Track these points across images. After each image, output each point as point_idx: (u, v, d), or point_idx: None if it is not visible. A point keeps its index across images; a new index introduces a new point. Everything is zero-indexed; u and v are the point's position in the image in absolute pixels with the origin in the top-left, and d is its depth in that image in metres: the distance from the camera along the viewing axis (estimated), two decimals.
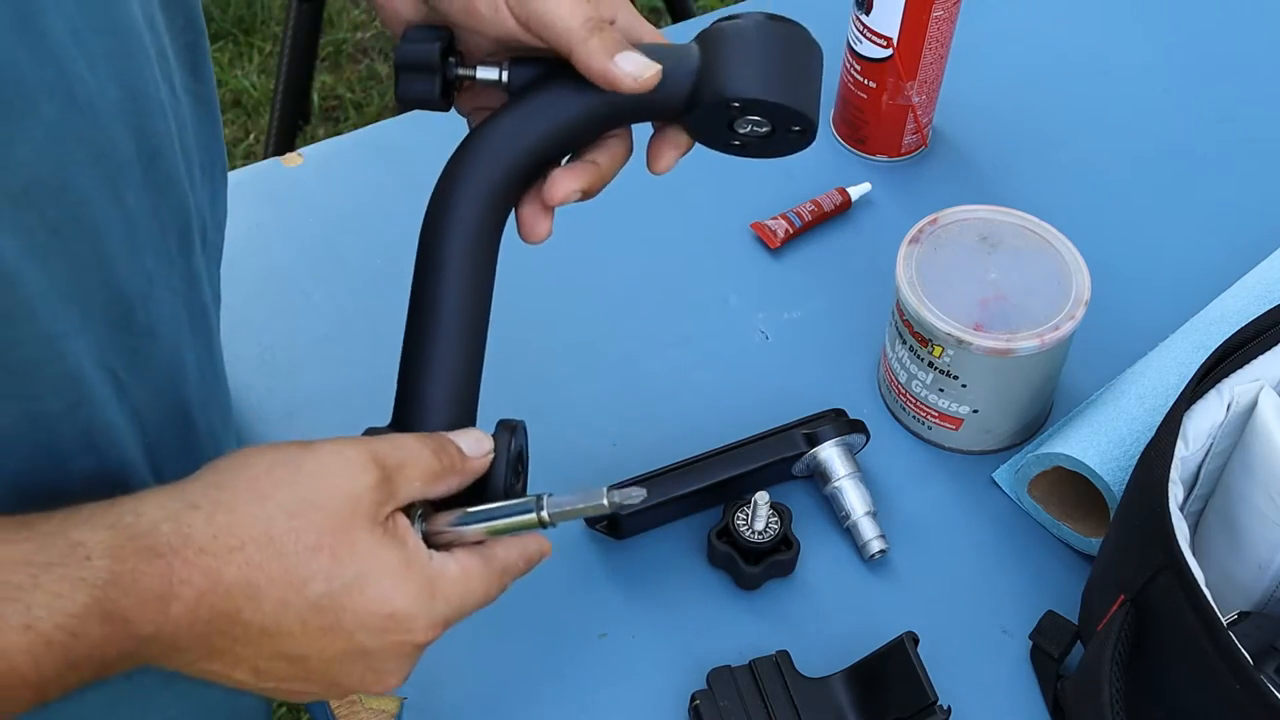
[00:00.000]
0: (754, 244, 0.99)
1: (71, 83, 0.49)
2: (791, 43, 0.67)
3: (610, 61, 0.61)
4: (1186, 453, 0.73)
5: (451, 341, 0.64)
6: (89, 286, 0.53)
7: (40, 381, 0.53)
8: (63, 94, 0.49)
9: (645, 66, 0.62)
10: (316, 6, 1.75)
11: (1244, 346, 0.75)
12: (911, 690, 0.73)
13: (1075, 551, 0.84)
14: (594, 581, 0.82)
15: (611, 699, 0.77)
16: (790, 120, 0.66)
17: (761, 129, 0.66)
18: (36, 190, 0.49)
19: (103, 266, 0.53)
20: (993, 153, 1.05)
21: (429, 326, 0.64)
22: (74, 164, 0.50)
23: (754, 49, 0.66)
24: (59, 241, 0.51)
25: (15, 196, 0.48)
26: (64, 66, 0.48)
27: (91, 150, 0.51)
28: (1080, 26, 1.15)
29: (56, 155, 0.49)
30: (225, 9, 2.37)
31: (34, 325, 0.51)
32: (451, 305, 0.64)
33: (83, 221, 0.52)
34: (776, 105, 0.65)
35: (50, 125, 0.48)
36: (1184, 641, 0.64)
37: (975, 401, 0.85)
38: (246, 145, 2.20)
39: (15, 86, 0.47)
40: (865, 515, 0.82)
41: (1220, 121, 1.08)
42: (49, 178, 0.49)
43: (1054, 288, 0.83)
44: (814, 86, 0.68)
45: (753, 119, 0.66)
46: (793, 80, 0.66)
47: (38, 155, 0.48)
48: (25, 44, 0.46)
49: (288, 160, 1.01)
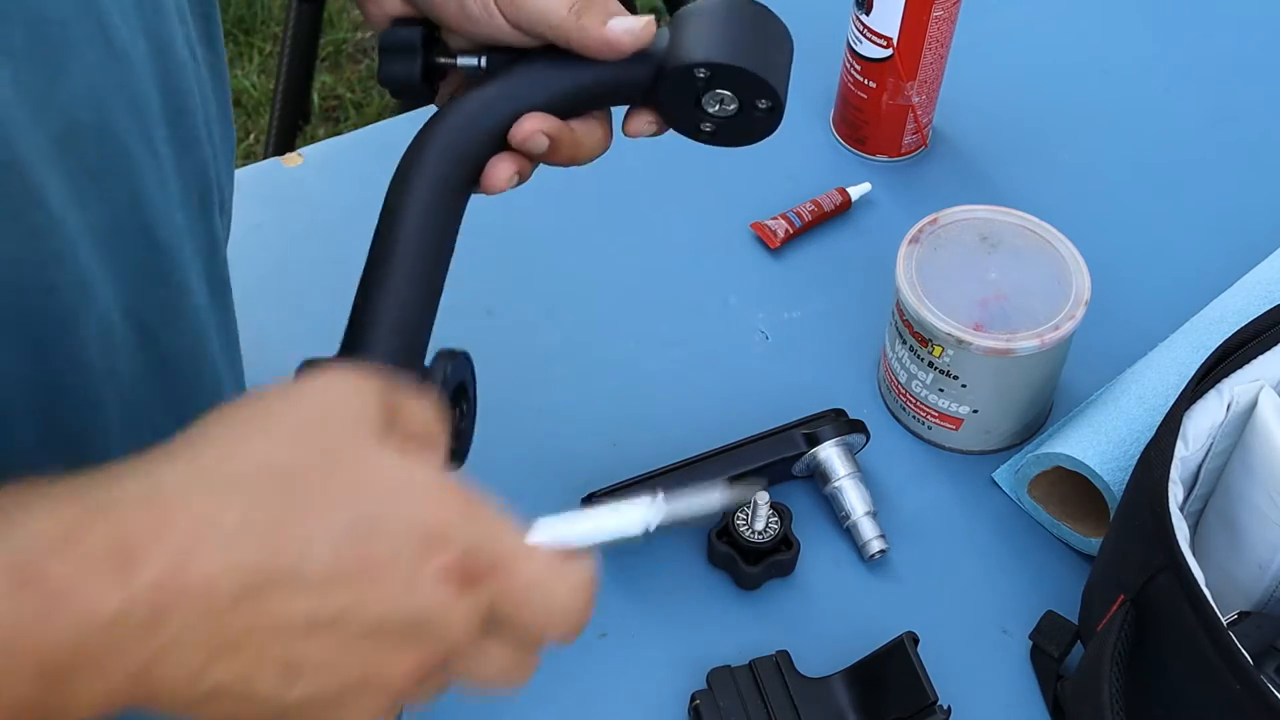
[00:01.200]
0: (754, 244, 0.99)
1: (108, 31, 0.50)
2: (759, 19, 0.68)
3: (605, 29, 0.63)
4: (1186, 453, 0.73)
5: (405, 279, 0.62)
6: (126, 232, 0.53)
7: (79, 327, 0.51)
8: (101, 41, 0.49)
9: (638, 21, 0.64)
10: (316, 6, 1.75)
11: (1244, 346, 0.75)
12: (911, 690, 0.73)
13: (1075, 551, 0.84)
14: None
15: (611, 699, 0.77)
16: (756, 92, 0.66)
17: (730, 106, 0.67)
18: (78, 133, 0.49)
19: (139, 212, 0.53)
20: (993, 153, 1.05)
21: (383, 263, 0.63)
22: (112, 110, 0.50)
23: (719, 21, 0.67)
24: (99, 186, 0.50)
25: (59, 138, 0.48)
26: (100, 14, 0.49)
27: (126, 97, 0.51)
28: (1080, 26, 1.15)
29: (96, 100, 0.50)
30: (225, 9, 2.37)
31: (74, 269, 0.49)
32: (407, 246, 0.63)
33: (121, 167, 0.52)
34: (740, 70, 0.65)
35: (90, 70, 0.49)
36: (1184, 641, 0.64)
37: (975, 401, 0.85)
38: (246, 145, 2.20)
39: (59, 28, 0.47)
40: (865, 515, 0.82)
41: (1220, 121, 1.08)
42: (90, 121, 0.49)
43: (1054, 288, 0.83)
44: (781, 60, 0.68)
45: (721, 94, 0.66)
46: (759, 50, 0.66)
47: (78, 99, 0.49)
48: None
49: (288, 160, 1.01)
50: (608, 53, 0.64)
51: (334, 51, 2.34)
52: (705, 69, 0.65)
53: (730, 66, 0.65)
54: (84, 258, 0.50)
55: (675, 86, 0.66)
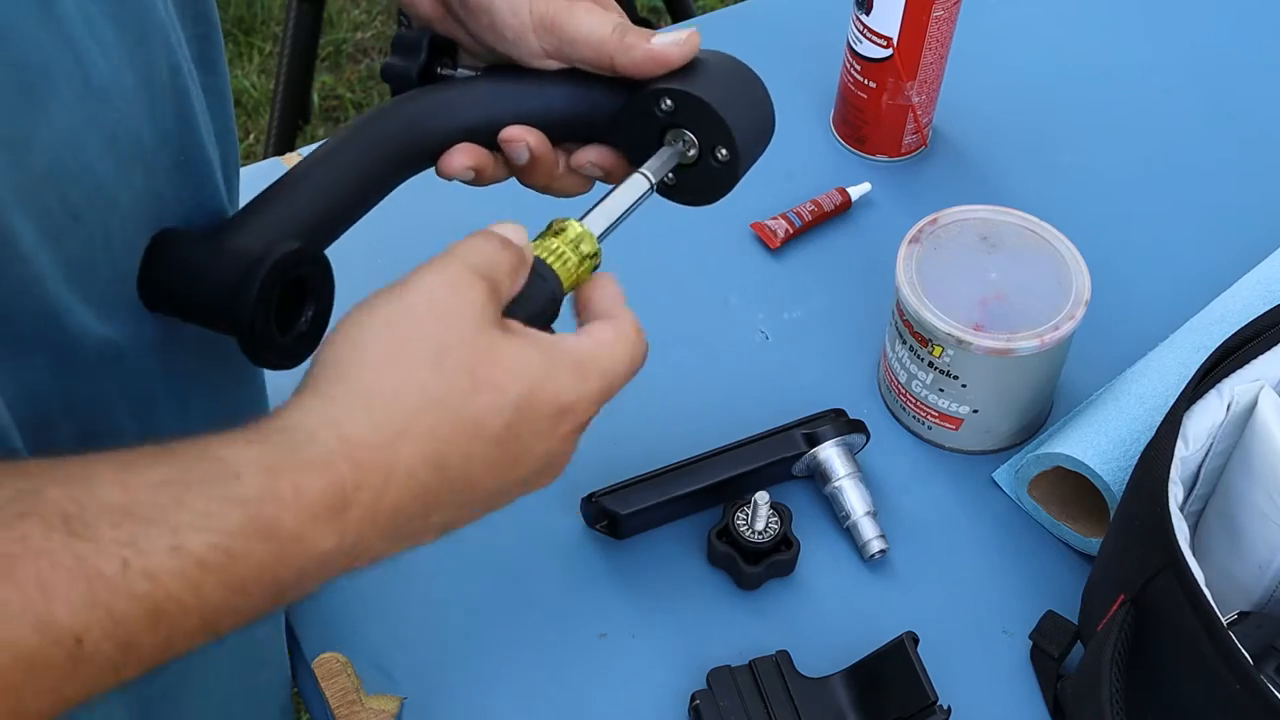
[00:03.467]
0: (754, 244, 0.99)
1: (87, 68, 0.50)
2: (746, 80, 0.68)
3: (649, 45, 0.65)
4: (1186, 453, 0.73)
5: (305, 191, 0.62)
6: (96, 266, 0.53)
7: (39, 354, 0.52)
8: (80, 79, 0.49)
9: (679, 35, 0.66)
10: (316, 6, 1.75)
11: (1244, 346, 0.75)
12: (911, 690, 0.73)
13: (1075, 551, 0.84)
14: (594, 581, 0.82)
15: (611, 699, 0.78)
16: (716, 135, 0.66)
17: (689, 152, 0.67)
18: (58, 173, 0.49)
19: (109, 248, 0.54)
20: (993, 153, 1.05)
21: (288, 176, 0.63)
22: (91, 148, 0.51)
23: (702, 64, 0.67)
24: (75, 224, 0.51)
25: (39, 179, 0.49)
26: (80, 52, 0.49)
27: (106, 134, 0.51)
28: (1080, 27, 1.15)
29: (76, 139, 0.50)
30: (225, 9, 2.37)
31: (38, 301, 0.51)
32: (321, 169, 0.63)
33: (98, 205, 0.52)
34: (703, 105, 0.65)
35: (69, 109, 0.49)
36: (1184, 641, 0.64)
37: (975, 401, 0.85)
38: (246, 145, 2.20)
39: (39, 71, 0.47)
40: (865, 515, 0.82)
41: (1220, 121, 1.08)
42: (69, 160, 0.50)
43: (1054, 288, 0.83)
44: (752, 118, 0.68)
45: (682, 134, 0.66)
46: (732, 99, 0.67)
47: (59, 139, 0.49)
48: (46, 29, 0.47)
49: (288, 160, 1.01)
50: (653, 67, 0.65)
51: (334, 51, 2.35)
52: (670, 99, 0.65)
53: (694, 98, 0.65)
54: (51, 292, 0.51)
55: (639, 116, 0.66)
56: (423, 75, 0.69)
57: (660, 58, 0.65)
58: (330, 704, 0.76)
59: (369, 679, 0.77)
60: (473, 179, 0.68)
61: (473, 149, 0.67)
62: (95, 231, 0.53)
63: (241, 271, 0.56)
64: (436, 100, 0.67)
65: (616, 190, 0.66)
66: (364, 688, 0.77)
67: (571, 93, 0.67)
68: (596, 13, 0.65)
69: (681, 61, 0.65)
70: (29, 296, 0.50)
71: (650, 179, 0.66)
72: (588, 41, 0.65)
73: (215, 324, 0.58)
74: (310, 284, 0.59)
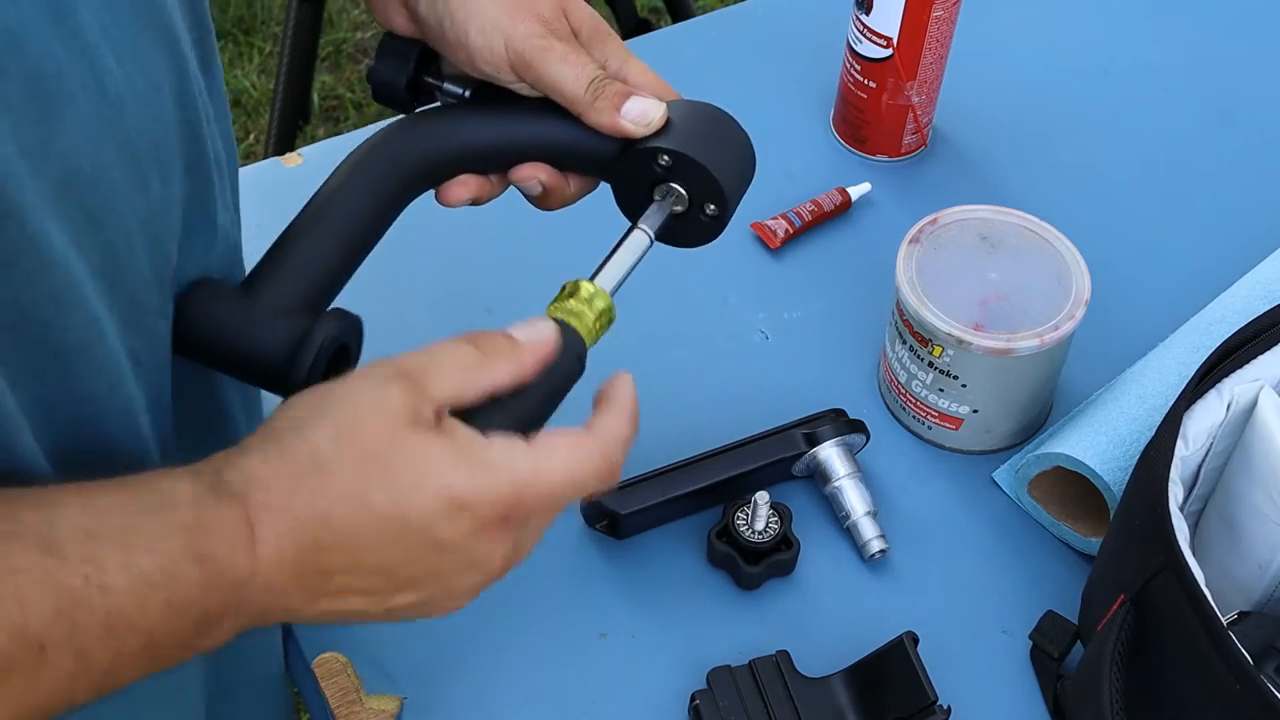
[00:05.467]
0: (754, 244, 0.99)
1: (102, 76, 0.51)
2: (735, 137, 0.71)
3: (618, 116, 0.67)
4: (1186, 453, 0.73)
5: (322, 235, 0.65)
6: (120, 272, 0.54)
7: (86, 364, 0.54)
8: (95, 88, 0.50)
9: (648, 111, 0.68)
10: (316, 6, 1.75)
11: (1244, 346, 0.75)
12: (911, 690, 0.73)
13: (1075, 551, 0.84)
14: (594, 581, 0.82)
15: (611, 699, 0.78)
16: (709, 195, 0.68)
17: (677, 207, 0.69)
18: (75, 180, 0.50)
19: (130, 253, 0.55)
20: (993, 153, 1.05)
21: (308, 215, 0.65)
22: (105, 154, 0.52)
23: (699, 121, 0.70)
24: (96, 229, 0.52)
25: (58, 186, 0.50)
26: (95, 60, 0.50)
27: (120, 141, 0.52)
28: (1080, 27, 1.15)
29: (92, 147, 0.51)
30: (225, 9, 2.37)
31: (83, 309, 0.52)
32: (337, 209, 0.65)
33: (116, 210, 0.53)
34: (702, 169, 0.68)
35: (85, 118, 0.50)
36: (1184, 641, 0.64)
37: (975, 401, 0.85)
38: (246, 145, 2.20)
39: (56, 80, 0.48)
40: (865, 515, 0.82)
41: (1220, 121, 1.08)
42: (86, 167, 0.51)
43: (1054, 288, 0.83)
44: (742, 178, 0.71)
45: (674, 188, 0.69)
46: (727, 161, 0.69)
47: (75, 147, 0.50)
48: (60, 39, 0.48)
49: (288, 160, 1.01)
50: (616, 135, 0.68)
51: (334, 51, 2.34)
52: (669, 157, 0.68)
53: (694, 161, 0.67)
54: (89, 298, 0.53)
55: (635, 165, 0.68)
56: (410, 86, 0.70)
57: (625, 132, 0.68)
58: (330, 704, 0.76)
59: (369, 679, 0.77)
60: (471, 204, 0.70)
61: (473, 181, 0.70)
62: (115, 238, 0.53)
63: (291, 343, 0.60)
64: (439, 129, 0.69)
65: (621, 249, 0.68)
66: (364, 688, 0.77)
67: (573, 129, 0.69)
68: (571, 62, 0.67)
69: (646, 134, 0.68)
70: (68, 306, 0.52)
71: (650, 235, 0.69)
72: (560, 93, 0.67)
73: (256, 382, 0.62)
74: (350, 348, 0.63)
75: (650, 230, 0.69)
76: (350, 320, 0.63)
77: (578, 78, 0.67)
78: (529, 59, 0.66)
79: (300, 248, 0.64)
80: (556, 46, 0.67)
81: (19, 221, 0.48)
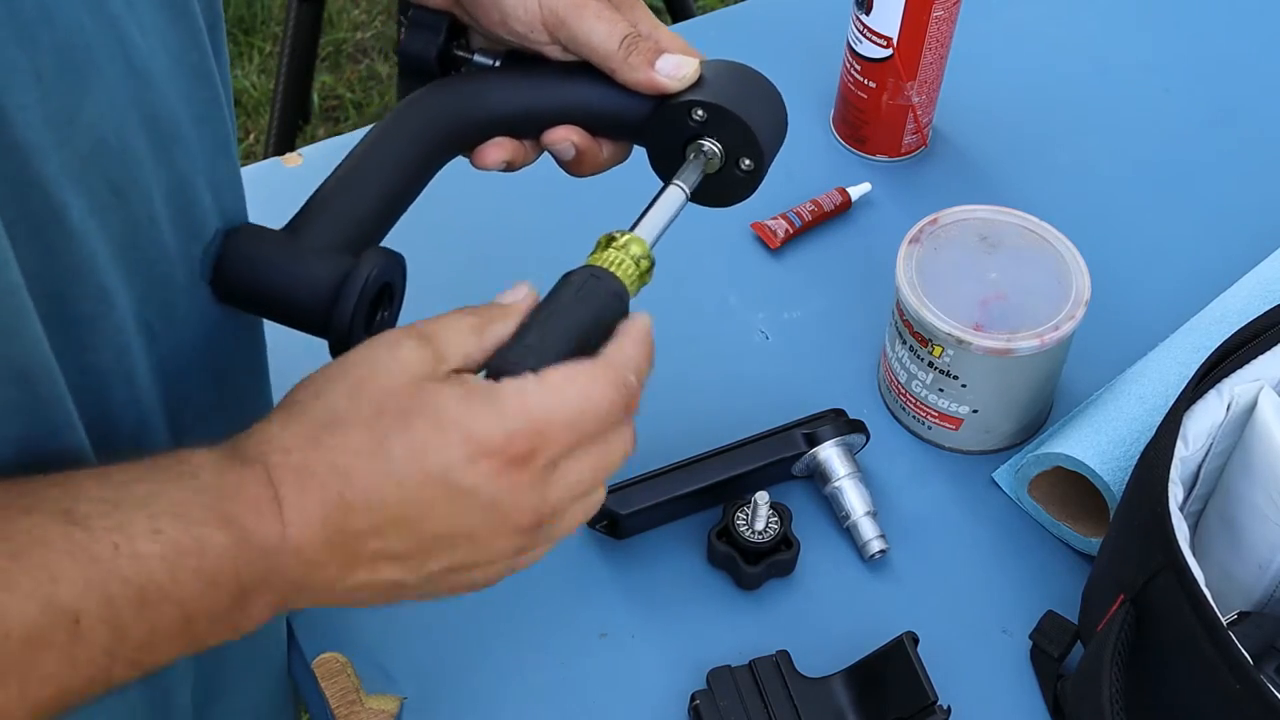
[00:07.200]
0: (754, 244, 0.99)
1: (128, 48, 0.51)
2: (769, 95, 0.70)
3: (652, 71, 0.67)
4: (1186, 453, 0.73)
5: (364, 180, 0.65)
6: (140, 244, 0.55)
7: (96, 334, 0.54)
8: (121, 59, 0.51)
9: (682, 64, 0.67)
10: (316, 6, 1.75)
11: (1244, 346, 0.75)
12: (911, 690, 0.73)
13: (1075, 551, 0.84)
14: (594, 581, 0.82)
15: (611, 699, 0.78)
16: (745, 148, 0.68)
17: (713, 162, 0.69)
18: (101, 151, 0.51)
19: (154, 225, 0.55)
20: (993, 153, 1.05)
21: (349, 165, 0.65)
22: (131, 126, 0.52)
23: (733, 78, 0.69)
24: (119, 201, 0.52)
25: (84, 157, 0.50)
26: (121, 32, 0.51)
27: (145, 113, 0.53)
28: (1080, 26, 1.15)
29: (118, 118, 0.51)
30: (225, 9, 2.36)
31: (94, 280, 0.52)
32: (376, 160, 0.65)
33: (139, 182, 0.53)
34: (736, 119, 0.67)
35: (111, 89, 0.50)
36: (1184, 641, 0.64)
37: (975, 401, 0.85)
38: (246, 145, 2.20)
39: (84, 51, 0.49)
40: (865, 515, 0.82)
41: (1220, 121, 1.08)
42: (112, 139, 0.51)
43: (1054, 288, 0.83)
44: (776, 133, 0.70)
45: (709, 146, 0.68)
46: (761, 114, 0.69)
47: (102, 117, 0.50)
48: (89, 9, 0.49)
49: (288, 160, 1.01)
50: (651, 91, 0.67)
51: (334, 51, 2.34)
52: (704, 110, 0.67)
53: (729, 113, 0.67)
54: (103, 269, 0.53)
55: (669, 122, 0.68)
56: (440, 58, 0.70)
57: (660, 86, 0.67)
58: (330, 704, 0.76)
59: (369, 679, 0.77)
60: (505, 168, 0.70)
61: (508, 143, 0.69)
62: (138, 211, 0.54)
63: (335, 280, 0.60)
64: (474, 90, 0.69)
65: (657, 204, 0.67)
66: (364, 688, 0.77)
67: (605, 92, 0.68)
68: (605, 18, 0.67)
69: (678, 90, 0.67)
70: (82, 276, 0.52)
71: (686, 191, 0.68)
72: (593, 49, 0.67)
73: (300, 325, 0.61)
74: (394, 286, 0.62)
75: (686, 186, 0.68)
76: (394, 258, 0.62)
77: (610, 33, 0.66)
78: (562, 15, 0.66)
79: (341, 193, 0.64)
80: (591, 4, 0.67)
81: (43, 193, 0.48)
